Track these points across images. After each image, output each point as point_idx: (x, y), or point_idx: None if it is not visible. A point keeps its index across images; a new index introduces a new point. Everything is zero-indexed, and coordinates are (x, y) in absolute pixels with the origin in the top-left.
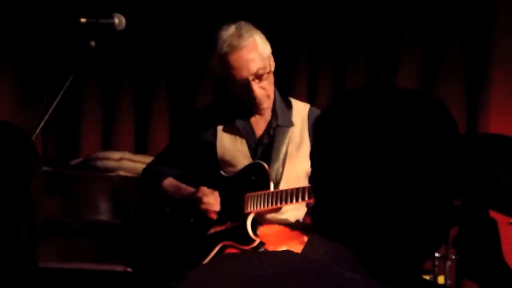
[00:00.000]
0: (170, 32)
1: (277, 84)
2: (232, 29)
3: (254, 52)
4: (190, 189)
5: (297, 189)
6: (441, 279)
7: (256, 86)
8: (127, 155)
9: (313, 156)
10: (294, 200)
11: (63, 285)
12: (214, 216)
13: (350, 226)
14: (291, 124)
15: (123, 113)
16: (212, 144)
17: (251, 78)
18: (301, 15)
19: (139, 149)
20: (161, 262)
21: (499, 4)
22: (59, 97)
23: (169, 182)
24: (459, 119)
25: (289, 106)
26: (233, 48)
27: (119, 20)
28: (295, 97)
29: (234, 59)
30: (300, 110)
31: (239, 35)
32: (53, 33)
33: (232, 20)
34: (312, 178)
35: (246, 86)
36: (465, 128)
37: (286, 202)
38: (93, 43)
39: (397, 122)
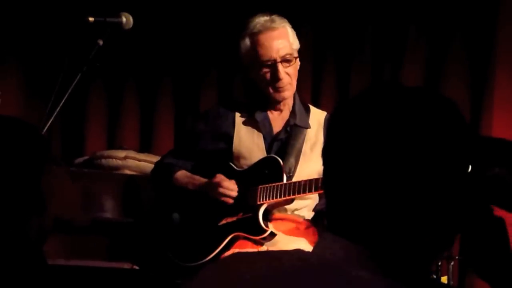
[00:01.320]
0: (174, 31)
1: None
2: (265, 16)
3: (284, 38)
4: (204, 179)
5: (310, 180)
6: (444, 280)
7: (282, 69)
8: (131, 153)
9: (325, 154)
10: (306, 191)
11: (70, 282)
12: (231, 201)
13: (361, 225)
14: (307, 126)
15: (128, 111)
16: (229, 135)
17: (278, 59)
18: (305, 12)
19: (143, 148)
20: (168, 259)
21: (502, 3)
22: (66, 95)
23: (182, 173)
24: None
25: (307, 110)
26: (265, 28)
27: (126, 19)
28: (299, 95)
29: (264, 38)
30: (318, 115)
31: (272, 20)
32: (61, 31)
33: (235, 18)
34: (324, 176)
35: (272, 67)
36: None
37: (298, 193)
38: (100, 42)
39: (408, 120)
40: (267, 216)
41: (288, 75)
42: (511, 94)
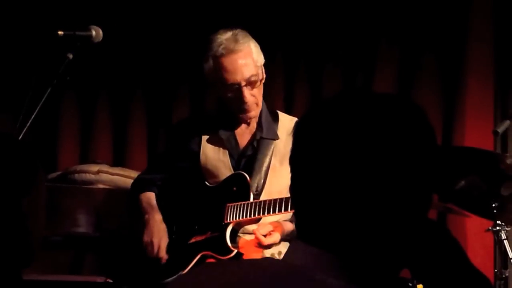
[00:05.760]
0: (146, 44)
1: None
2: (228, 34)
3: (249, 58)
4: (157, 216)
5: (275, 200)
6: (420, 287)
7: (247, 92)
8: (105, 167)
9: (292, 162)
10: (272, 211)
11: None
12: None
13: (330, 232)
14: (275, 137)
15: (100, 126)
16: (196, 153)
17: (243, 83)
18: (277, 21)
19: (117, 162)
20: (141, 272)
21: (473, 11)
22: (36, 110)
23: (148, 196)
24: (435, 124)
25: (275, 119)
26: (229, 51)
27: (96, 33)
28: (271, 103)
29: (228, 61)
30: (286, 123)
31: (235, 39)
32: (30, 45)
33: (207, 32)
34: (291, 184)
35: (237, 91)
36: (442, 133)
37: (264, 213)
38: (70, 56)
39: (375, 127)
40: (236, 235)
41: (254, 96)
42: (482, 102)
